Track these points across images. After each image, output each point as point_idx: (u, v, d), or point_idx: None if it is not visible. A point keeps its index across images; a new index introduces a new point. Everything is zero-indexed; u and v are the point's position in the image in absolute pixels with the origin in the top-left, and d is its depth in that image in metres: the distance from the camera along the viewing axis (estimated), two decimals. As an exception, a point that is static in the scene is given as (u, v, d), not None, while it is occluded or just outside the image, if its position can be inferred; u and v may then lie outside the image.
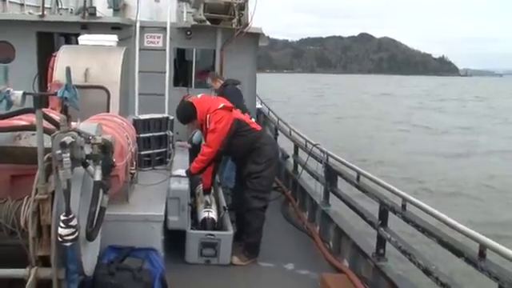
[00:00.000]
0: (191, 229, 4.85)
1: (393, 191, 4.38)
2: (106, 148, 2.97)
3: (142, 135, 5.39)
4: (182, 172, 4.97)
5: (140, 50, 7.62)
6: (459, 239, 3.38)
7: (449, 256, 3.43)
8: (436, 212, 3.64)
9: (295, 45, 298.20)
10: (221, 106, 4.88)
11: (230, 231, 4.86)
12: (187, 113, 4.98)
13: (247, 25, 7.77)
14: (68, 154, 2.60)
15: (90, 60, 5.65)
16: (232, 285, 4.44)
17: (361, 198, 5.25)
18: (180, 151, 5.98)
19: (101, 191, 2.94)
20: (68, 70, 3.04)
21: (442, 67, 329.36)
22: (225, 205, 5.55)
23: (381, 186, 4.67)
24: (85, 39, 6.30)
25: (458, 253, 3.27)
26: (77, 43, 6.63)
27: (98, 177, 2.83)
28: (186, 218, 4.70)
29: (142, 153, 5.41)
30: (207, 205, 5.05)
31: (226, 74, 7.63)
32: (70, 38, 8.15)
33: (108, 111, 5.25)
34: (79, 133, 2.78)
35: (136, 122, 5.37)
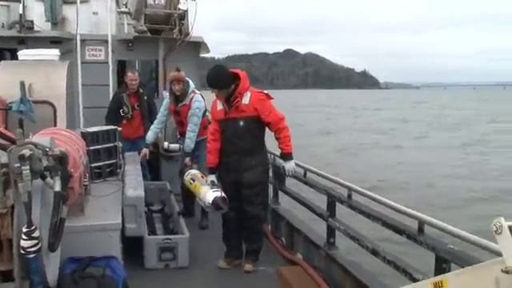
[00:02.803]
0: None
1: (338, 183, 4.68)
2: (63, 159, 3.04)
3: (91, 147, 5.40)
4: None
5: (82, 63, 7.59)
6: (400, 219, 3.70)
7: (393, 235, 3.75)
8: (378, 197, 3.96)
9: (223, 62, 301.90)
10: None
11: (187, 234, 5.00)
12: (229, 76, 4.69)
13: (188, 34, 7.90)
14: (27, 167, 2.66)
15: (32, 75, 5.58)
16: (192, 285, 4.56)
17: (310, 193, 5.51)
18: (131, 161, 6.02)
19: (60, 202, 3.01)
20: (22, 84, 3.10)
21: (364, 81, 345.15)
22: (178, 210, 5.71)
23: (327, 180, 4.96)
24: (25, 54, 6.21)
25: (400, 231, 3.58)
26: (12, 59, 6.52)
27: (57, 187, 2.89)
28: (143, 224, 4.79)
29: (93, 165, 5.43)
30: (214, 185, 4.73)
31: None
32: (4, 54, 7.91)
33: (55, 125, 5.24)
34: (36, 145, 2.85)
35: (84, 135, 5.37)
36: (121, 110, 7.05)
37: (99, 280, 3.32)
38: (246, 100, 4.63)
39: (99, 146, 5.56)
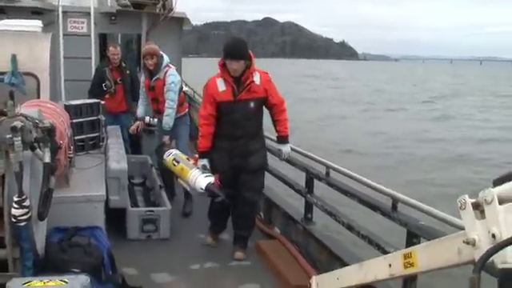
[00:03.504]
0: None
1: (317, 160, 4.84)
2: (51, 131, 3.13)
3: (74, 120, 5.44)
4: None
5: (64, 35, 7.53)
6: (375, 197, 3.90)
7: (367, 211, 3.95)
8: (355, 175, 4.15)
9: (201, 29, 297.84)
10: None
11: (169, 207, 5.14)
12: (247, 50, 4.39)
13: (171, 9, 7.88)
14: (19, 138, 2.75)
15: (15, 46, 5.53)
16: (173, 257, 4.71)
17: (290, 170, 5.66)
18: (113, 135, 6.07)
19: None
20: (14, 57, 3.14)
21: (343, 52, 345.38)
22: (160, 183, 5.82)
23: (307, 157, 5.12)
24: (5, 24, 6.12)
25: (374, 208, 3.79)
26: None
27: (47, 159, 2.99)
28: (127, 196, 4.90)
29: (76, 138, 5.47)
30: (205, 169, 4.47)
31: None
32: None
33: (39, 98, 5.25)
34: (26, 117, 2.92)
35: (68, 108, 5.40)
36: (103, 85, 7.05)
37: (85, 248, 3.43)
38: (257, 80, 4.39)
39: (82, 119, 5.60)
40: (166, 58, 5.92)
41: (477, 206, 1.46)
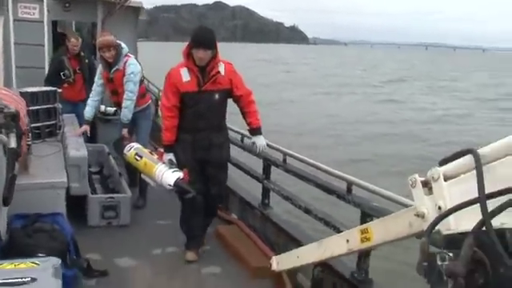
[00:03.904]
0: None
1: (274, 147, 5.01)
2: (16, 117, 3.14)
3: (30, 108, 5.36)
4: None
5: (15, 20, 7.34)
6: (331, 181, 4.13)
7: (323, 195, 4.17)
8: (311, 161, 4.36)
9: (150, 12, 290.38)
10: None
11: (129, 193, 5.19)
12: (215, 40, 4.19)
13: (128, -2, 7.83)
14: (-14, 123, 2.75)
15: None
16: (134, 242, 4.78)
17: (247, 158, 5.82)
18: (70, 123, 6.02)
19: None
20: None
21: (293, 36, 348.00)
22: (118, 171, 5.84)
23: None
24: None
25: (330, 191, 4.01)
26: None
27: (13, 144, 3.00)
28: (87, 183, 4.92)
29: (32, 125, 5.40)
30: (172, 164, 4.26)
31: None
32: None
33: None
34: (-8, 103, 2.92)
35: (24, 95, 5.32)
36: (61, 74, 6.94)
37: (51, 233, 3.47)
38: (222, 71, 4.20)
39: (38, 107, 5.52)
40: (124, 47, 5.67)
41: (425, 184, 1.64)
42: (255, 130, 4.47)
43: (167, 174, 4.11)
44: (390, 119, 22.73)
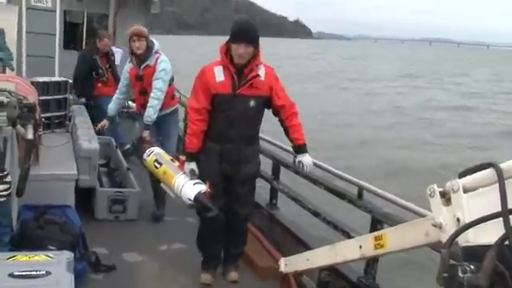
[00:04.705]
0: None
1: (285, 149, 5.00)
2: (33, 108, 3.15)
3: (41, 98, 5.35)
4: None
5: (27, 8, 7.34)
6: (342, 185, 4.13)
7: (334, 199, 4.17)
8: (323, 164, 4.34)
9: None
10: None
11: (138, 188, 5.18)
12: (258, 36, 3.73)
13: (142, -10, 7.83)
14: (4, 114, 2.76)
15: (-20, 19, 5.43)
16: (140, 237, 4.79)
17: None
18: (79, 114, 6.03)
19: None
20: (2, 32, 3.11)
21: (297, 30, 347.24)
22: (126, 165, 5.83)
23: (273, 145, 5.28)
24: (-33, -4, 5.97)
25: (341, 196, 4.01)
26: None
27: (30, 135, 3.01)
28: (96, 176, 4.92)
29: (42, 115, 5.40)
30: (193, 174, 3.67)
31: (119, 40, 7.70)
32: None
33: (4, 73, 5.15)
34: (11, 93, 2.93)
35: (34, 84, 5.32)
36: (94, 73, 6.97)
37: (62, 226, 3.47)
38: (261, 75, 3.65)
39: (49, 97, 5.53)
40: (156, 43, 5.17)
41: (443, 195, 1.65)
42: (300, 147, 3.84)
43: (188, 187, 3.54)
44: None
